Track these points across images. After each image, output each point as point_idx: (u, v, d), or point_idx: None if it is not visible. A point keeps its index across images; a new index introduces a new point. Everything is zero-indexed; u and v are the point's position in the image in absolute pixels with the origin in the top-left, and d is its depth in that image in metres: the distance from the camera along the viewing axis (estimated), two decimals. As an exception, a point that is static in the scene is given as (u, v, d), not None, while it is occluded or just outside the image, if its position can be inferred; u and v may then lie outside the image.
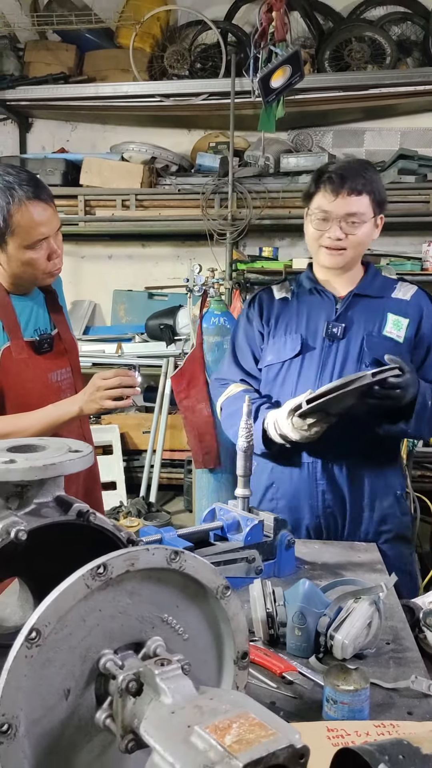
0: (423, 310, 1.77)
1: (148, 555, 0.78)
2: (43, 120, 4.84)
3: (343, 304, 1.78)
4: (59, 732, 0.74)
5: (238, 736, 0.60)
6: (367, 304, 1.78)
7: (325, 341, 1.76)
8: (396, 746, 0.66)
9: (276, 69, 1.86)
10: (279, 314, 1.84)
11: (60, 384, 1.77)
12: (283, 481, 1.80)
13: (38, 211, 1.59)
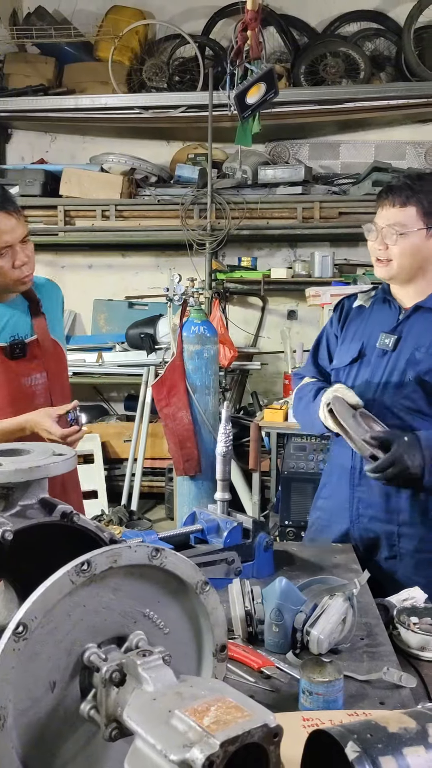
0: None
1: (130, 552, 0.81)
2: (23, 131, 4.87)
3: (405, 315, 1.72)
4: (45, 723, 0.77)
5: (216, 717, 0.64)
6: (428, 318, 1.69)
7: (378, 352, 1.72)
8: (364, 726, 0.70)
9: (251, 86, 1.92)
10: (352, 320, 1.84)
11: (34, 388, 1.82)
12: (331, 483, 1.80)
13: (1, 220, 1.67)
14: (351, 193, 4.23)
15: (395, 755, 0.66)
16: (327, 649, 1.14)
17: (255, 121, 2.09)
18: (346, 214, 4.15)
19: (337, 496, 1.75)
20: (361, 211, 4.12)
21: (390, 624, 1.45)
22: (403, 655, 1.37)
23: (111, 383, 4.67)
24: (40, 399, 1.81)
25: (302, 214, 4.14)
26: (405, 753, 0.66)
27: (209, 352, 3.30)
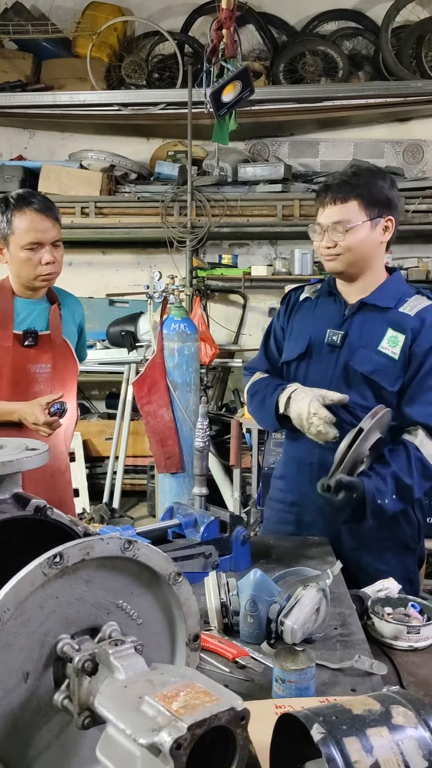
0: (423, 325, 1.67)
1: (102, 544, 0.83)
2: (1, 127, 4.83)
3: (350, 311, 1.73)
4: (19, 713, 0.78)
5: (185, 702, 0.66)
6: (373, 315, 1.71)
7: (326, 348, 1.74)
8: (330, 709, 0.72)
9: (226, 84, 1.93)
10: (298, 312, 1.85)
11: (37, 375, 2.04)
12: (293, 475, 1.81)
13: (36, 219, 1.94)
14: (330, 190, 4.26)
15: (359, 736, 0.68)
16: (301, 638, 1.16)
17: (231, 118, 2.11)
18: (324, 211, 4.18)
19: (297, 491, 1.79)
20: (340, 209, 4.15)
21: (364, 614, 1.48)
22: (377, 644, 1.40)
23: (92, 381, 4.66)
24: (40, 386, 2.04)
25: (282, 211, 4.16)
26: (369, 734, 0.68)
27: (190, 350, 3.31)
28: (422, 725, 0.71)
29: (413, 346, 1.66)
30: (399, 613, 1.48)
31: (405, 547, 1.74)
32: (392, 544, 1.71)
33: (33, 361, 2.03)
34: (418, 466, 1.61)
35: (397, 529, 1.71)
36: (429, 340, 1.66)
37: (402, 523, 1.72)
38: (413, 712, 0.72)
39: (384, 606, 1.48)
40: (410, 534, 1.76)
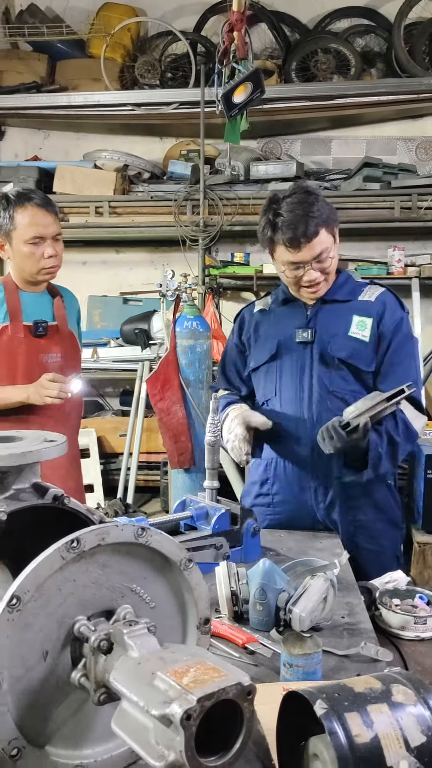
0: (385, 308, 1.84)
1: (117, 531, 0.87)
2: (16, 128, 4.89)
3: (313, 311, 1.88)
4: (39, 689, 0.83)
5: (195, 677, 0.69)
6: (335, 308, 1.87)
7: (298, 346, 1.87)
8: (333, 687, 0.76)
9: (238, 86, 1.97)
10: (258, 324, 1.98)
11: (48, 364, 2.12)
12: (278, 477, 1.90)
13: (38, 214, 2.02)
14: (342, 188, 4.28)
15: (360, 711, 0.71)
16: (309, 626, 1.20)
17: (243, 118, 2.14)
18: (336, 209, 4.18)
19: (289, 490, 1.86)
20: (352, 206, 4.17)
21: (372, 605, 1.51)
22: (385, 634, 1.44)
23: (106, 378, 4.71)
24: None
25: (294, 209, 4.17)
26: (369, 710, 0.72)
27: (202, 347, 3.35)
28: (421, 703, 0.74)
29: (380, 327, 1.82)
30: (407, 605, 1.51)
31: (394, 526, 1.85)
32: (384, 525, 1.81)
33: (44, 351, 2.13)
34: (403, 427, 1.74)
35: (386, 507, 1.80)
36: (393, 320, 1.82)
37: (391, 500, 1.82)
38: (413, 690, 0.75)
39: (392, 597, 1.52)
40: (397, 511, 1.89)
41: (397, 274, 4.11)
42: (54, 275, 2.14)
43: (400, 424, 1.73)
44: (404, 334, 1.83)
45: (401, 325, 1.83)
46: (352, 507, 1.81)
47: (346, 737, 0.69)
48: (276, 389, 1.85)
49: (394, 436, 1.72)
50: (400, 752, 0.69)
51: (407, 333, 1.86)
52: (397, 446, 1.72)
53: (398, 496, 1.91)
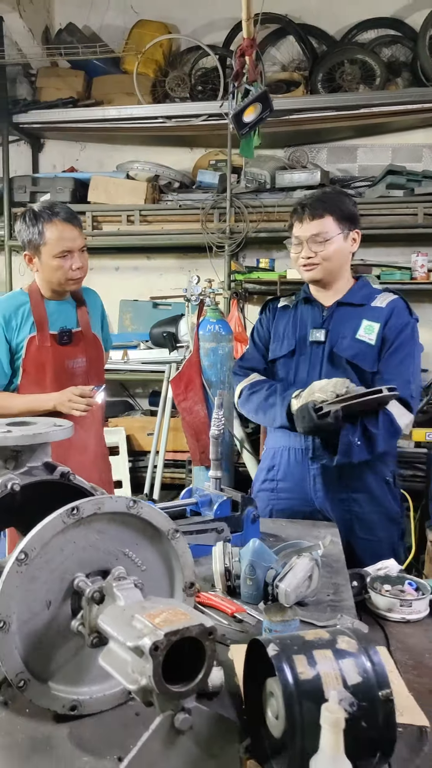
0: (392, 313, 1.97)
1: (111, 501, 1.01)
2: (54, 141, 5.13)
3: (329, 312, 2.03)
4: (43, 633, 0.98)
5: (165, 618, 0.83)
6: (349, 312, 2.01)
7: (312, 345, 2.02)
8: (286, 636, 0.88)
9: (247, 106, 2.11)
10: (279, 319, 2.14)
11: (74, 369, 2.26)
12: (282, 465, 2.04)
13: (65, 229, 2.15)
14: (366, 195, 4.36)
15: (306, 654, 0.84)
16: (294, 601, 1.32)
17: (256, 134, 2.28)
18: (361, 215, 4.26)
19: (291, 477, 1.97)
20: (375, 213, 4.25)
21: (363, 590, 1.62)
22: (373, 616, 1.55)
23: (136, 379, 4.89)
24: (79, 379, 2.25)
25: (318, 216, 4.28)
26: (314, 654, 0.84)
27: (224, 349, 3.48)
28: (362, 652, 0.86)
29: (385, 330, 1.94)
30: (396, 590, 1.61)
31: (391, 520, 1.92)
32: (380, 517, 1.89)
33: (70, 357, 2.25)
34: (385, 420, 1.84)
35: (384, 503, 1.89)
36: (398, 324, 1.94)
37: (389, 497, 1.90)
38: (356, 641, 0.87)
39: (383, 583, 1.62)
40: (395, 507, 1.97)
41: (420, 279, 4.17)
42: (80, 285, 2.28)
43: (383, 418, 1.84)
44: (406, 338, 1.94)
45: (404, 330, 1.94)
46: (347, 499, 1.92)
47: (292, 675, 0.81)
48: (290, 382, 1.98)
49: (370, 428, 1.83)
50: (338, 688, 0.81)
51: (409, 337, 1.96)
52: (374, 437, 1.83)
53: (398, 492, 2.01)
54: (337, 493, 1.93)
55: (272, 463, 2.04)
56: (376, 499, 1.95)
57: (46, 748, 0.93)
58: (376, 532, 1.91)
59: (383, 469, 1.97)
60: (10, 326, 2.18)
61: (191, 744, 0.81)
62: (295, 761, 0.79)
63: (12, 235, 4.71)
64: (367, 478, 1.92)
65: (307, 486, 1.95)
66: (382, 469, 1.97)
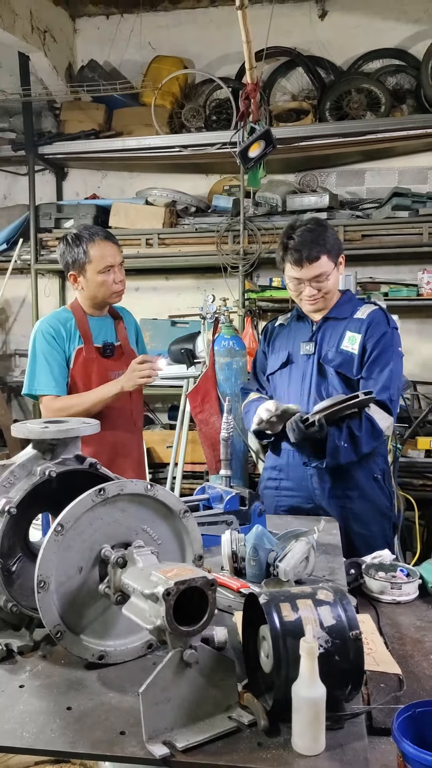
0: (371, 323, 2.16)
1: (132, 485, 1.21)
2: (77, 170, 5.42)
3: (317, 327, 2.23)
4: (76, 593, 1.17)
5: (176, 573, 1.02)
6: (335, 325, 2.22)
7: (303, 357, 2.22)
8: (276, 591, 1.07)
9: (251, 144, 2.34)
10: (276, 336, 2.37)
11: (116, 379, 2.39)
12: (284, 464, 2.24)
13: (107, 246, 2.36)
14: (373, 216, 4.56)
15: (290, 602, 1.02)
16: (292, 579, 1.50)
17: (261, 167, 2.51)
18: (368, 236, 4.48)
19: (293, 476, 2.18)
20: (383, 233, 4.44)
21: (359, 576, 1.79)
22: (367, 598, 1.72)
23: (156, 394, 5.10)
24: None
25: (328, 237, 4.49)
26: (297, 602, 1.02)
27: (238, 364, 3.68)
28: (338, 603, 1.04)
29: (366, 340, 2.12)
30: (389, 576, 1.78)
31: (382, 515, 2.08)
32: (373, 513, 2.06)
33: (113, 369, 2.42)
34: (367, 424, 2.02)
35: (374, 498, 2.06)
36: (376, 333, 2.12)
37: (378, 492, 2.06)
38: (333, 594, 1.05)
39: (378, 570, 1.80)
40: (384, 502, 2.14)
41: (427, 295, 4.34)
42: (121, 297, 2.48)
43: (365, 422, 2.03)
44: (384, 347, 2.13)
45: (383, 339, 2.13)
46: (342, 496, 2.10)
47: (278, 617, 1.00)
48: (285, 393, 2.19)
49: (355, 431, 2.02)
50: (315, 628, 0.99)
51: (388, 345, 2.15)
52: (358, 440, 2.02)
53: (388, 489, 2.19)
54: (333, 490, 2.11)
55: (276, 463, 2.22)
56: (367, 495, 2.13)
57: (79, 686, 1.13)
58: (369, 527, 2.09)
59: (373, 468, 2.15)
60: (61, 337, 2.36)
61: (197, 675, 1.00)
62: (281, 688, 0.97)
63: (38, 259, 4.99)
64: (359, 477, 2.11)
65: (308, 484, 2.14)
66: (372, 468, 2.15)
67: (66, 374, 2.36)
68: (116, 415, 2.37)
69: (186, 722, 0.99)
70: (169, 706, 0.98)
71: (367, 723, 1.14)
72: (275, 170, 4.92)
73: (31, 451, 1.31)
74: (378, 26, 4.88)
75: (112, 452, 2.37)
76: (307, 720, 0.93)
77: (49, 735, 0.99)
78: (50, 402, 2.34)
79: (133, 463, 2.47)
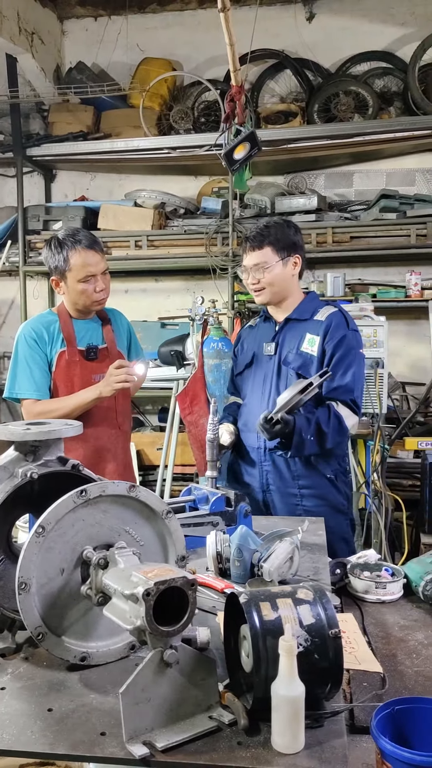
0: (330, 327, 2.19)
1: (113, 486, 1.21)
2: (66, 171, 5.42)
3: (279, 328, 2.29)
4: (57, 595, 1.17)
5: (156, 574, 1.03)
6: (296, 326, 2.27)
7: (265, 357, 2.29)
8: (256, 590, 1.07)
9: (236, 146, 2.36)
10: (246, 338, 2.45)
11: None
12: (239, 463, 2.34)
13: (88, 255, 2.30)
14: (361, 218, 4.58)
15: (270, 602, 1.03)
16: (277, 579, 1.51)
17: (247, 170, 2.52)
18: (357, 237, 4.50)
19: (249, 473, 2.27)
20: (371, 235, 4.47)
21: (344, 576, 1.80)
22: (352, 597, 1.73)
23: (146, 396, 5.10)
24: None
25: (316, 239, 4.51)
26: (277, 602, 1.03)
27: (227, 365, 3.66)
28: (318, 602, 1.04)
29: (325, 343, 2.16)
30: (374, 575, 1.79)
31: (337, 510, 2.16)
32: (326, 509, 2.17)
33: (96, 372, 2.39)
34: (335, 421, 2.08)
35: (328, 496, 2.13)
36: (335, 337, 2.16)
37: (333, 490, 2.14)
38: (313, 593, 1.06)
39: (363, 570, 1.80)
40: (340, 500, 2.22)
41: (414, 296, 4.37)
42: (104, 305, 2.45)
43: (333, 419, 2.10)
44: (346, 349, 2.17)
45: (343, 342, 2.18)
46: (295, 495, 2.19)
47: (258, 616, 1.00)
48: (249, 392, 2.23)
49: (322, 426, 2.08)
50: (295, 627, 0.99)
51: (349, 348, 2.19)
52: (324, 435, 2.08)
53: (343, 487, 2.26)
54: (282, 490, 2.21)
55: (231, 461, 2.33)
56: (320, 494, 2.20)
57: (61, 688, 1.13)
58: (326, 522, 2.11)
59: (325, 468, 2.21)
60: (43, 341, 2.35)
61: (177, 675, 1.00)
62: (260, 687, 0.98)
63: (26, 261, 4.98)
64: (312, 477, 2.19)
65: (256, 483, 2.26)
66: (324, 468, 2.21)
67: (48, 378, 2.34)
68: (100, 417, 2.37)
69: (166, 722, 0.99)
70: (149, 706, 0.98)
71: (350, 722, 1.15)
72: (264, 172, 4.94)
73: (13, 453, 1.30)
74: (365, 29, 4.91)
75: (96, 455, 2.36)
76: (287, 718, 0.94)
77: (29, 736, 0.99)
78: (30, 406, 2.33)
79: (119, 466, 2.46)
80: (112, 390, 2.26)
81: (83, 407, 2.30)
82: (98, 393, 2.28)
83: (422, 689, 1.26)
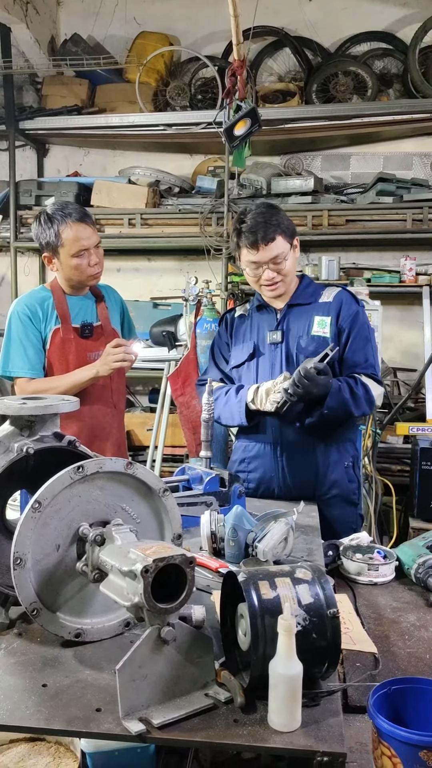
0: (341, 305, 2.16)
1: (111, 462, 1.20)
2: (59, 146, 5.32)
3: (282, 315, 2.20)
4: (53, 571, 1.16)
5: (155, 551, 1.01)
6: (300, 311, 2.19)
7: (270, 346, 2.19)
8: (255, 569, 1.07)
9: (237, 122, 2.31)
10: (237, 328, 2.32)
11: (95, 361, 2.32)
12: (252, 458, 2.22)
13: (80, 229, 2.24)
14: (358, 201, 4.55)
15: (269, 581, 1.02)
16: (271, 559, 1.50)
17: (246, 147, 2.47)
18: (353, 221, 4.47)
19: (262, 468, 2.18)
20: (367, 219, 4.44)
21: (337, 558, 1.80)
22: (344, 579, 1.73)
23: (137, 377, 5.06)
24: None
25: (312, 221, 4.47)
26: (276, 581, 1.02)
27: (220, 347, 3.67)
28: (317, 582, 1.04)
29: (339, 322, 2.11)
30: (366, 557, 1.80)
31: (348, 502, 2.13)
32: (338, 500, 2.13)
33: (91, 349, 2.35)
34: (362, 389, 2.06)
35: (342, 486, 2.09)
36: (349, 313, 2.12)
37: (346, 480, 2.10)
38: (311, 573, 1.05)
39: (355, 552, 1.81)
40: (352, 489, 2.17)
41: (409, 282, 4.36)
42: (99, 279, 2.39)
43: (360, 386, 2.06)
44: (360, 325, 2.14)
45: (357, 318, 2.14)
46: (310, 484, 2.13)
47: (257, 595, 1.00)
48: (254, 383, 2.16)
49: (354, 388, 2.05)
50: (293, 606, 0.99)
51: (363, 323, 2.16)
52: (357, 396, 2.04)
53: (356, 476, 2.21)
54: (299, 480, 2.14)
55: (243, 456, 2.22)
56: (336, 483, 2.14)
57: (55, 663, 1.12)
58: (334, 513, 2.10)
59: (345, 456, 2.17)
60: (37, 318, 2.30)
61: (174, 652, 1.00)
62: (258, 665, 0.97)
63: (17, 237, 4.90)
64: (327, 467, 2.13)
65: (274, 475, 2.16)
66: (344, 456, 2.17)
67: (42, 356, 2.30)
68: (96, 395, 2.34)
69: (162, 699, 0.99)
70: (145, 682, 0.98)
71: (343, 701, 1.15)
72: (260, 152, 4.88)
73: (9, 427, 1.28)
74: (366, 8, 4.83)
75: (91, 433, 2.34)
76: (284, 697, 0.93)
77: (23, 711, 0.98)
78: (24, 384, 2.29)
79: (113, 445, 2.44)
80: (109, 369, 2.23)
81: (79, 387, 2.26)
82: (95, 372, 2.24)
83: (415, 670, 1.27)
